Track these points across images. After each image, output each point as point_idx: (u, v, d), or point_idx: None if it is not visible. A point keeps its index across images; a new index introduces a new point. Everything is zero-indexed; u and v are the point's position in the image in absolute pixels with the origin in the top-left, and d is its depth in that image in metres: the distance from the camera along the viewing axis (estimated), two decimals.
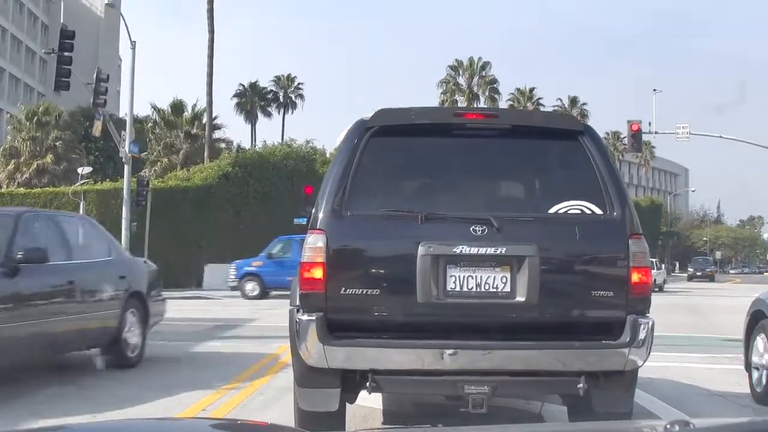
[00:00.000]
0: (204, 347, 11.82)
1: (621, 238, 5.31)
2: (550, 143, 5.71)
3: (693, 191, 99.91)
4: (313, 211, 5.40)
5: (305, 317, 5.20)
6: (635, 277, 5.27)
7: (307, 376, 5.42)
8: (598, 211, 5.38)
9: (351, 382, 5.37)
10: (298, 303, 5.36)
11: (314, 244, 5.22)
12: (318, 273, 5.19)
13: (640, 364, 5.36)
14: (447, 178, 5.74)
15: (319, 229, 5.25)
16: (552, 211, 5.43)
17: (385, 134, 5.51)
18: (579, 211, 5.40)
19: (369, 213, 5.40)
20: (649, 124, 39.05)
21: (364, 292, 5.20)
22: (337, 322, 5.22)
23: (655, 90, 41.31)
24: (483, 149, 5.74)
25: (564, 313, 5.40)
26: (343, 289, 5.21)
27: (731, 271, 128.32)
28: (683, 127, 39.66)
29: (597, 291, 5.30)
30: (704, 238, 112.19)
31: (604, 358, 5.29)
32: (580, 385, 5.19)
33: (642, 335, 5.22)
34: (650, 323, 5.29)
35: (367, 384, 5.22)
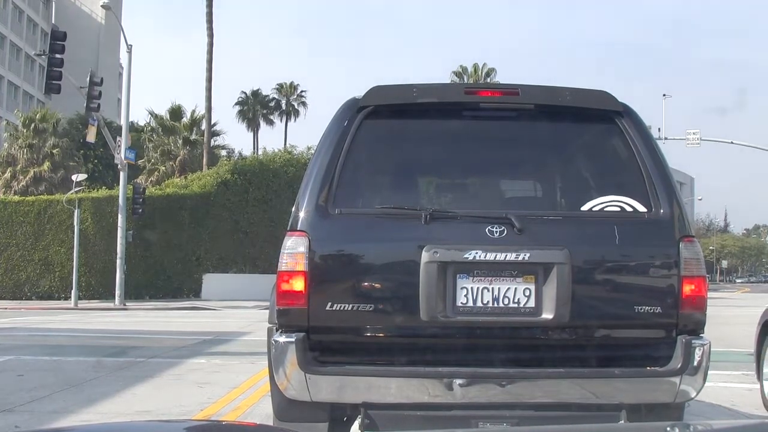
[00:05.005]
0: (186, 365, 10.82)
1: (670, 241, 4.36)
2: (582, 126, 4.74)
3: (700, 200, 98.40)
4: (294, 209, 4.44)
5: (283, 338, 4.26)
6: (687, 288, 4.33)
7: (287, 409, 4.49)
8: (642, 209, 4.44)
9: (341, 415, 4.40)
10: (275, 321, 4.40)
11: (294, 249, 4.27)
12: (299, 284, 4.24)
13: (692, 396, 4.39)
14: (457, 169, 4.80)
15: (300, 231, 4.30)
16: (585, 208, 4.49)
17: (382, 116, 4.55)
18: (618, 209, 4.46)
19: (361, 211, 4.46)
20: (659, 129, 38.26)
21: (356, 308, 4.24)
22: (323, 344, 4.29)
23: (664, 95, 40.43)
24: (501, 134, 4.77)
25: (600, 334, 4.44)
26: (330, 304, 4.24)
27: (738, 281, 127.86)
28: (694, 133, 38.79)
29: (641, 306, 4.33)
30: (711, 247, 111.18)
31: (650, 388, 4.34)
32: (621, 421, 4.22)
33: (696, 360, 4.30)
34: (706, 345, 4.34)
35: (359, 420, 4.23)
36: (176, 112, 48.08)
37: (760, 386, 8.28)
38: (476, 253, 4.18)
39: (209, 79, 40.89)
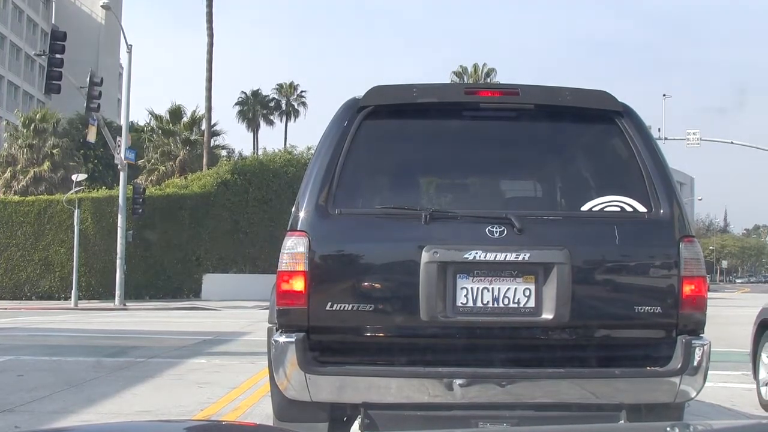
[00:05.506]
0: (186, 365, 10.83)
1: (670, 242, 4.36)
2: (582, 126, 4.74)
3: (700, 200, 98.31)
4: (294, 209, 4.43)
5: (283, 338, 4.26)
6: (687, 289, 4.32)
7: (287, 409, 4.49)
8: (642, 209, 4.44)
9: (341, 415, 4.40)
10: (275, 321, 4.40)
11: (294, 249, 4.26)
12: (299, 284, 4.23)
13: (692, 396, 4.39)
14: (457, 169, 4.79)
15: (300, 231, 4.30)
16: (585, 208, 4.48)
17: (382, 116, 4.54)
18: (618, 209, 4.45)
19: (361, 211, 4.46)
20: (659, 130, 38.23)
21: (356, 308, 4.23)
22: (323, 344, 4.29)
23: (664, 95, 40.42)
24: (501, 134, 4.77)
25: (600, 334, 4.44)
26: (330, 304, 4.24)
27: (738, 281, 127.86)
28: (694, 133, 38.77)
29: (641, 306, 4.33)
30: (711, 247, 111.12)
31: (650, 388, 4.34)
32: (621, 421, 4.22)
33: (696, 360, 4.30)
34: (706, 345, 4.34)
35: (359, 420, 4.23)
36: (176, 112, 48.02)
37: (756, 386, 8.31)
38: (476, 253, 4.18)
39: (209, 79, 40.87)
